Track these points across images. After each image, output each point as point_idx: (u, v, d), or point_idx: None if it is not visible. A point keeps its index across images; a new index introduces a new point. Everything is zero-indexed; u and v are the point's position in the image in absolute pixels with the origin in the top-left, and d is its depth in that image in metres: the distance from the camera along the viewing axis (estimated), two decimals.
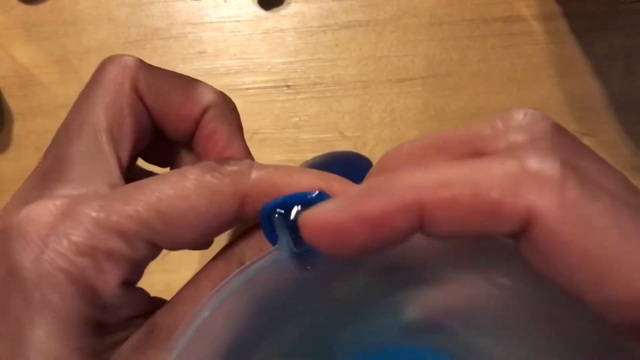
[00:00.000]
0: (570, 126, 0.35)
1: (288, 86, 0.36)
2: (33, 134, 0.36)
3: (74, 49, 0.37)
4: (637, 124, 0.35)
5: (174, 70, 0.23)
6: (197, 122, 0.18)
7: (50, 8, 0.37)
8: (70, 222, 0.14)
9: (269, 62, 0.36)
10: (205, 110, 0.18)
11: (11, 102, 0.37)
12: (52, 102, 0.36)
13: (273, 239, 0.14)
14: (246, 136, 0.23)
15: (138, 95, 0.18)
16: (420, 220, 0.11)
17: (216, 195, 0.15)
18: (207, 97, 0.18)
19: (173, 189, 0.15)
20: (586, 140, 0.35)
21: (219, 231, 0.16)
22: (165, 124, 0.18)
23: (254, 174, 0.15)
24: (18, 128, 0.36)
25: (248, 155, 0.19)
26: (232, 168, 0.15)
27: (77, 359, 0.14)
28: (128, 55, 0.18)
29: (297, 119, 0.36)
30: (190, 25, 0.37)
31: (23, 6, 0.37)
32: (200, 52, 0.36)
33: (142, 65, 0.18)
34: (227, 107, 0.19)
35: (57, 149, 0.17)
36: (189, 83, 0.19)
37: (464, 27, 0.36)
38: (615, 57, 0.35)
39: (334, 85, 0.36)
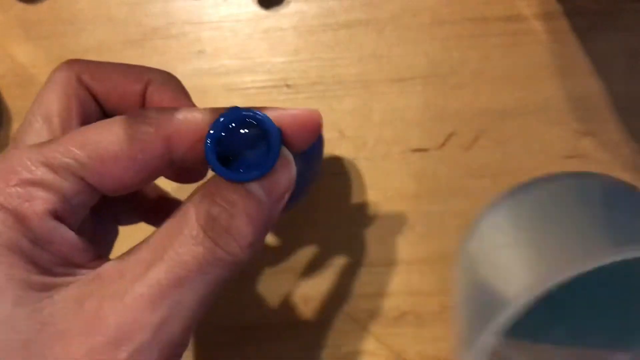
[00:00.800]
0: (572, 126, 0.35)
1: (288, 85, 0.36)
2: None
3: (72, 49, 0.37)
4: (639, 124, 0.35)
5: (173, 70, 0.23)
6: (142, 97, 0.21)
7: (49, 7, 0.37)
8: (5, 162, 0.17)
9: (269, 62, 0.36)
10: (147, 85, 0.21)
11: (10, 101, 0.37)
12: None
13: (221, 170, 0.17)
14: None
15: (84, 86, 0.20)
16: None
17: (138, 134, 0.17)
18: (146, 74, 0.21)
19: (99, 128, 0.17)
20: (588, 140, 0.35)
21: (151, 172, 0.18)
22: (114, 105, 0.20)
23: (176, 117, 0.18)
24: (17, 127, 0.36)
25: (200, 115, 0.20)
26: (155, 113, 0.18)
27: (12, 286, 0.15)
28: (74, 59, 0.20)
29: None
30: (189, 24, 0.37)
31: (22, 5, 0.37)
32: (200, 52, 0.36)
33: (86, 62, 0.20)
34: (168, 78, 0.21)
35: (15, 141, 0.19)
36: (129, 67, 0.21)
37: (465, 26, 0.36)
38: (617, 56, 0.35)
39: (334, 84, 0.36)
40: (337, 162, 0.35)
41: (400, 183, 0.35)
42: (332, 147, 0.35)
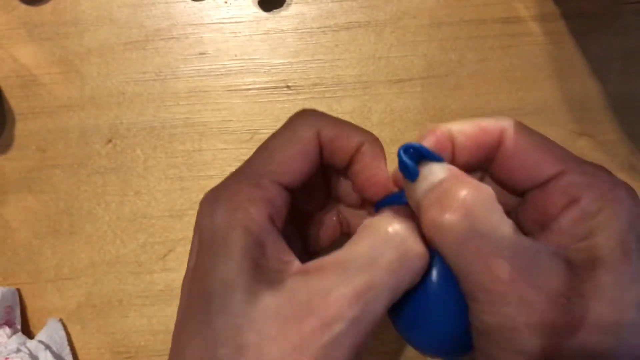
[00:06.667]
0: (569, 126, 0.35)
1: (288, 87, 0.36)
2: (35, 135, 0.37)
3: (75, 50, 0.37)
4: (636, 124, 0.35)
5: (175, 71, 0.24)
6: (354, 155, 0.24)
7: (52, 9, 0.37)
8: (229, 192, 0.22)
9: (269, 63, 0.36)
10: (360, 146, 0.24)
11: (13, 102, 0.37)
12: (53, 102, 0.37)
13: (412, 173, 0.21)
14: (246, 136, 0.23)
15: (319, 141, 0.24)
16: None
17: (305, 147, 0.23)
18: (363, 137, 0.24)
19: (285, 149, 0.23)
20: (584, 141, 0.35)
21: (310, 174, 0.23)
22: (329, 155, 0.24)
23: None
24: (20, 128, 0.37)
25: (387, 174, 0.24)
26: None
27: (242, 279, 0.20)
28: (313, 112, 0.24)
29: None
30: (191, 26, 0.37)
31: (24, 7, 0.37)
32: (201, 53, 0.37)
33: (325, 118, 0.24)
34: (377, 144, 0.24)
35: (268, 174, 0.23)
36: (352, 127, 0.24)
37: (463, 27, 0.36)
38: (613, 57, 0.36)
39: (334, 85, 0.36)
40: None
41: None
42: None
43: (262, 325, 0.19)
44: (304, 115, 0.24)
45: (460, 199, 0.20)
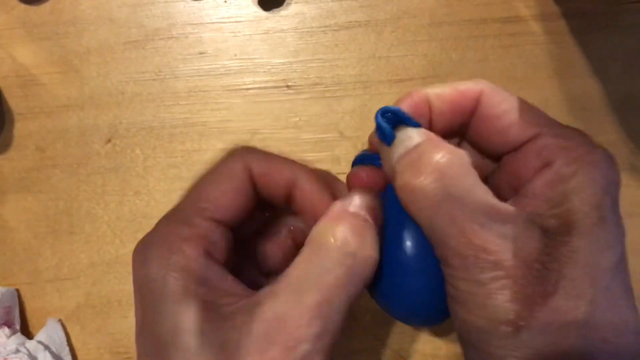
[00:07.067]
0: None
1: (288, 86, 0.36)
2: (34, 134, 0.36)
3: (74, 49, 0.37)
4: (636, 124, 0.35)
5: (174, 70, 0.24)
6: (289, 189, 0.24)
7: (51, 8, 0.37)
8: (160, 236, 0.21)
9: (269, 63, 0.36)
10: (294, 182, 0.23)
11: (12, 102, 0.37)
12: (52, 102, 0.37)
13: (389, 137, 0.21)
14: (246, 136, 0.23)
15: (250, 176, 0.23)
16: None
17: (235, 182, 0.22)
18: (297, 173, 0.24)
19: (215, 185, 0.22)
20: None
21: (246, 209, 0.23)
22: (262, 188, 0.24)
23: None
24: (19, 128, 0.37)
25: (329, 199, 0.24)
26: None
27: (194, 303, 0.19)
28: (245, 148, 0.24)
29: (297, 119, 0.36)
30: (190, 25, 0.37)
31: (23, 6, 0.37)
32: (201, 53, 0.37)
33: (256, 153, 0.23)
34: (314, 180, 0.24)
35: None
36: (286, 162, 0.24)
37: (464, 27, 0.36)
38: (614, 57, 0.35)
39: (334, 85, 0.36)
40: (337, 162, 0.35)
41: None
42: (331, 147, 0.35)
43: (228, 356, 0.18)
44: (236, 151, 0.24)
45: (433, 163, 0.19)
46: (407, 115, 0.21)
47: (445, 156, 0.20)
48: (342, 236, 0.20)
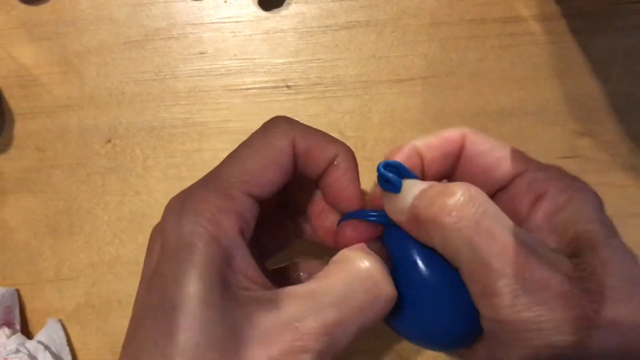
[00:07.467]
0: (570, 126, 0.35)
1: (288, 86, 0.36)
2: (34, 134, 0.36)
3: (74, 49, 0.37)
4: (636, 124, 0.35)
5: (174, 70, 0.24)
6: (328, 166, 0.23)
7: (51, 8, 0.37)
8: (196, 201, 0.21)
9: (269, 63, 0.36)
10: (334, 158, 0.23)
11: (12, 102, 0.37)
12: (53, 102, 0.37)
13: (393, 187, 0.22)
14: (246, 136, 0.23)
15: (294, 149, 0.23)
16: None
17: (279, 157, 0.22)
18: (337, 149, 0.23)
19: (258, 158, 0.22)
20: (585, 140, 0.35)
21: (282, 186, 0.22)
22: (303, 163, 0.23)
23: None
24: (19, 128, 0.37)
25: (359, 189, 0.24)
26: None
27: (216, 277, 0.19)
28: (286, 120, 0.23)
29: (298, 119, 0.36)
30: (190, 25, 0.37)
31: (24, 6, 0.37)
32: (201, 53, 0.37)
33: (299, 127, 0.23)
34: (351, 157, 0.24)
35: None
36: (327, 138, 0.24)
37: (464, 27, 0.36)
38: (614, 57, 0.35)
39: (334, 85, 0.36)
40: None
41: None
42: None
43: (228, 346, 0.18)
44: (279, 123, 0.23)
45: (462, 187, 0.20)
46: (406, 168, 0.22)
47: (470, 185, 0.20)
48: (372, 266, 0.21)
